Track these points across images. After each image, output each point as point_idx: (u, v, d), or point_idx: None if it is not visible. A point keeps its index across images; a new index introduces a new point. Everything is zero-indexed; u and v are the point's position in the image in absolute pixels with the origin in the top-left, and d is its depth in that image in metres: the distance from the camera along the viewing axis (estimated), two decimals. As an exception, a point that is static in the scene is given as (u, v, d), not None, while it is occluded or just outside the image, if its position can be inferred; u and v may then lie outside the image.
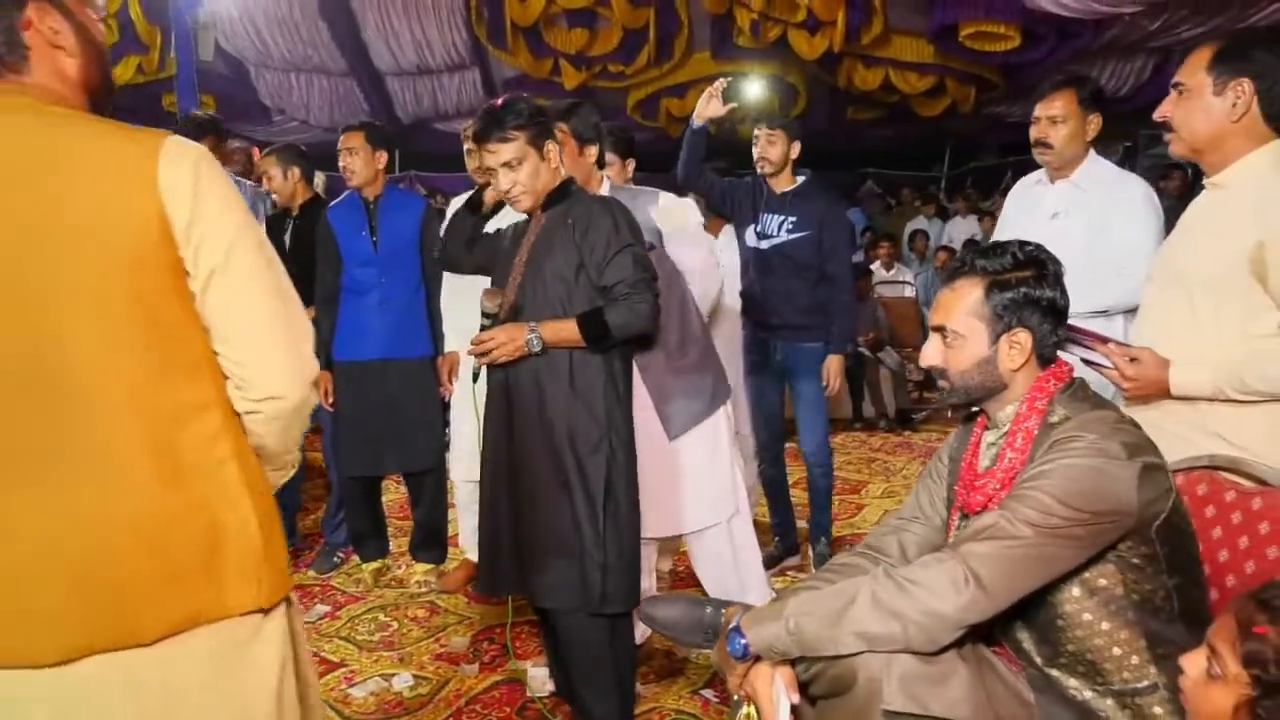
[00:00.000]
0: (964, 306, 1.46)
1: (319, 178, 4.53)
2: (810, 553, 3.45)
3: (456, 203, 2.49)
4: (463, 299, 2.78)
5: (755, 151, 3.20)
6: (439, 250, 2.39)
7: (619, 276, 2.00)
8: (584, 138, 2.38)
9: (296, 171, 3.45)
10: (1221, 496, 1.53)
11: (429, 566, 3.35)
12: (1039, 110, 2.50)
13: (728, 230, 3.74)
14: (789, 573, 3.43)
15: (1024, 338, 1.44)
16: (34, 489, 1.04)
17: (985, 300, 1.44)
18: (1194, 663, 1.10)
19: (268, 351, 1.14)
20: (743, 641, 1.38)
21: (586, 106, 2.45)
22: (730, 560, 2.54)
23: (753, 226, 3.27)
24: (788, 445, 3.52)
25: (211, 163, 1.13)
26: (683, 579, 3.21)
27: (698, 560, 2.62)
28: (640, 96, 8.49)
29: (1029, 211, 2.61)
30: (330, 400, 3.11)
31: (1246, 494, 1.50)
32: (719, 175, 3.41)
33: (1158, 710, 1.33)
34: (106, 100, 1.21)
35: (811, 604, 1.36)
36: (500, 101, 2.05)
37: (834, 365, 3.19)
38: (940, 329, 1.50)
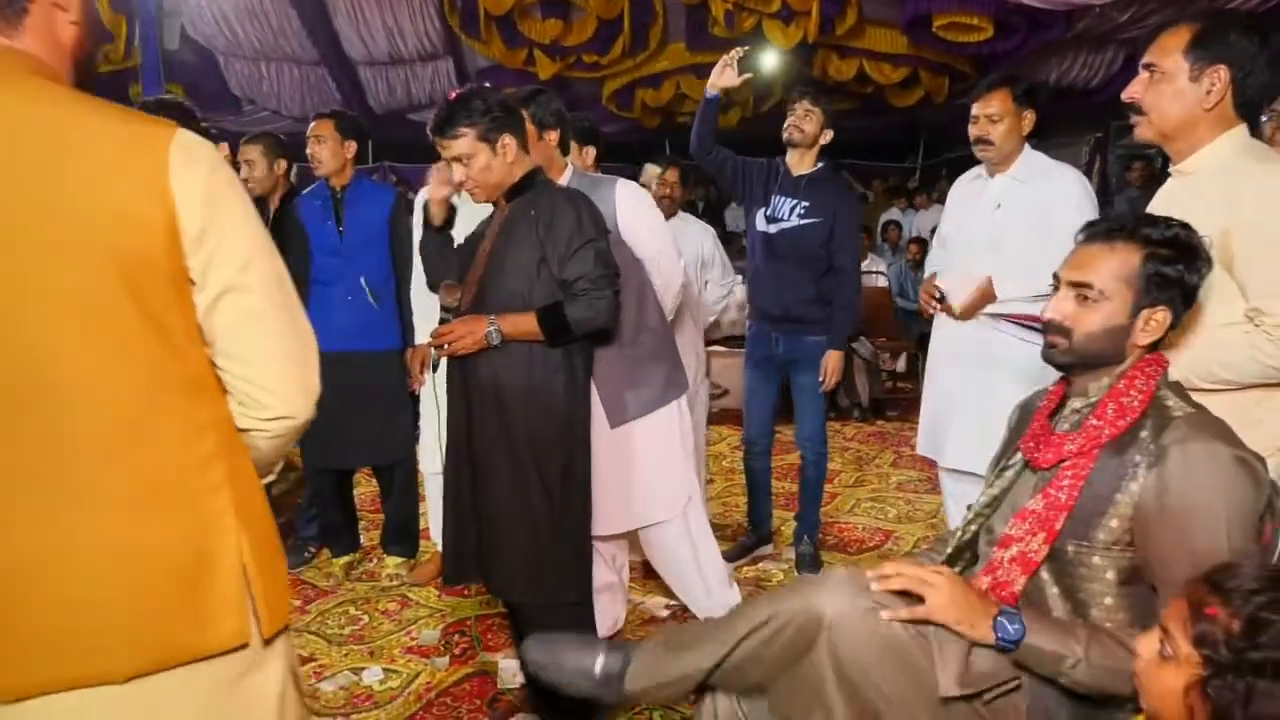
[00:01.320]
0: (1115, 269, 1.41)
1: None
2: (795, 551, 3.42)
3: (423, 194, 2.47)
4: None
5: (789, 120, 3.13)
6: (428, 278, 2.36)
7: (580, 271, 1.99)
8: (543, 123, 2.37)
9: (283, 164, 3.26)
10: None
11: (400, 560, 3.33)
12: (976, 109, 2.59)
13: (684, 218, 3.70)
14: (761, 562, 3.45)
15: (1163, 317, 1.41)
16: (13, 507, 0.95)
17: (1141, 268, 1.40)
18: (1147, 644, 1.11)
19: (281, 372, 1.07)
20: (1017, 626, 1.33)
21: (547, 93, 2.44)
22: (691, 556, 2.53)
23: (763, 210, 3.20)
24: (777, 436, 3.52)
25: (225, 165, 1.04)
26: (654, 571, 3.21)
27: (657, 560, 2.60)
28: (615, 87, 8.46)
29: (972, 204, 2.69)
30: None
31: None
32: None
33: None
34: (89, 79, 1.09)
35: (1113, 653, 1.32)
36: (454, 95, 2.03)
37: (833, 361, 3.17)
38: (1082, 285, 1.43)
